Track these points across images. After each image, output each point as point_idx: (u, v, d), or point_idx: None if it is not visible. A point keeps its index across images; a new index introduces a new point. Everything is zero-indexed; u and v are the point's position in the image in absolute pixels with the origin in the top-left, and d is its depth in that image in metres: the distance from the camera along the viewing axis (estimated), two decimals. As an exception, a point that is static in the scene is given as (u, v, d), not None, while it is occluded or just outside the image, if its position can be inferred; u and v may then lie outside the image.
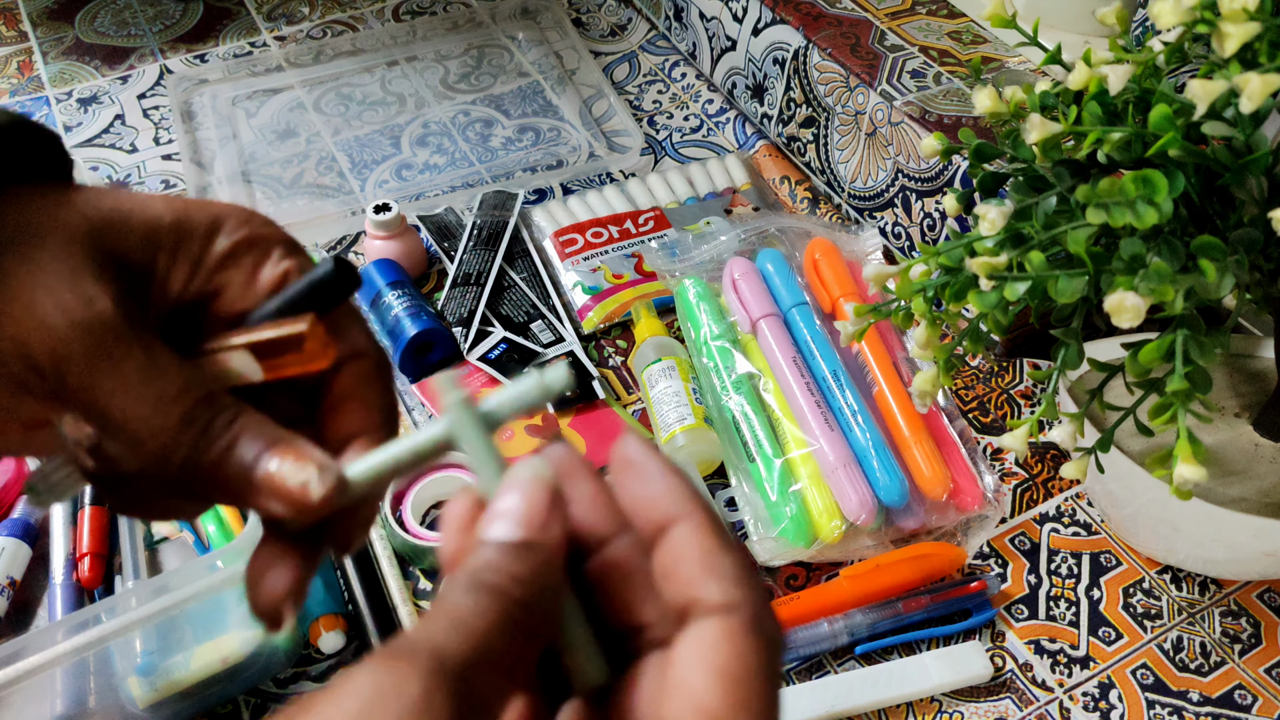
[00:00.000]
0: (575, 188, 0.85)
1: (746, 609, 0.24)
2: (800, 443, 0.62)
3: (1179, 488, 0.44)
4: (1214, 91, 0.41)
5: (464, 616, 0.22)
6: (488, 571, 0.23)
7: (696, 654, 0.23)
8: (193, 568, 0.48)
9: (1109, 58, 0.47)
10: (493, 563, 0.23)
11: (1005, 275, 0.45)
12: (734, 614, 0.24)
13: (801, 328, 0.68)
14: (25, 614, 0.57)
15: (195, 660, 0.52)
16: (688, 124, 0.92)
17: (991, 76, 0.75)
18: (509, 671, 0.22)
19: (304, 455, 0.27)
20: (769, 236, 0.75)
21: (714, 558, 0.24)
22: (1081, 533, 0.63)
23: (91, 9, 1.05)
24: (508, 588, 0.23)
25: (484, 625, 0.22)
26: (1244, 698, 0.56)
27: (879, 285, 0.53)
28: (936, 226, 0.73)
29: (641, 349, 0.69)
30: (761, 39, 0.85)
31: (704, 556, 0.24)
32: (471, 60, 0.99)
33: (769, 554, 0.60)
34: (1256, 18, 0.40)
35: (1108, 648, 0.58)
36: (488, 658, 0.21)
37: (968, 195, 0.55)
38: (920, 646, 0.58)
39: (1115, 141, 0.45)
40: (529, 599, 0.23)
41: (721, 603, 0.24)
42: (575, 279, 0.75)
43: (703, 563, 0.24)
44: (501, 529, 0.24)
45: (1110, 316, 0.42)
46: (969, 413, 0.69)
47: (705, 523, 0.25)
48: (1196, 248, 0.42)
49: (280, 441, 0.27)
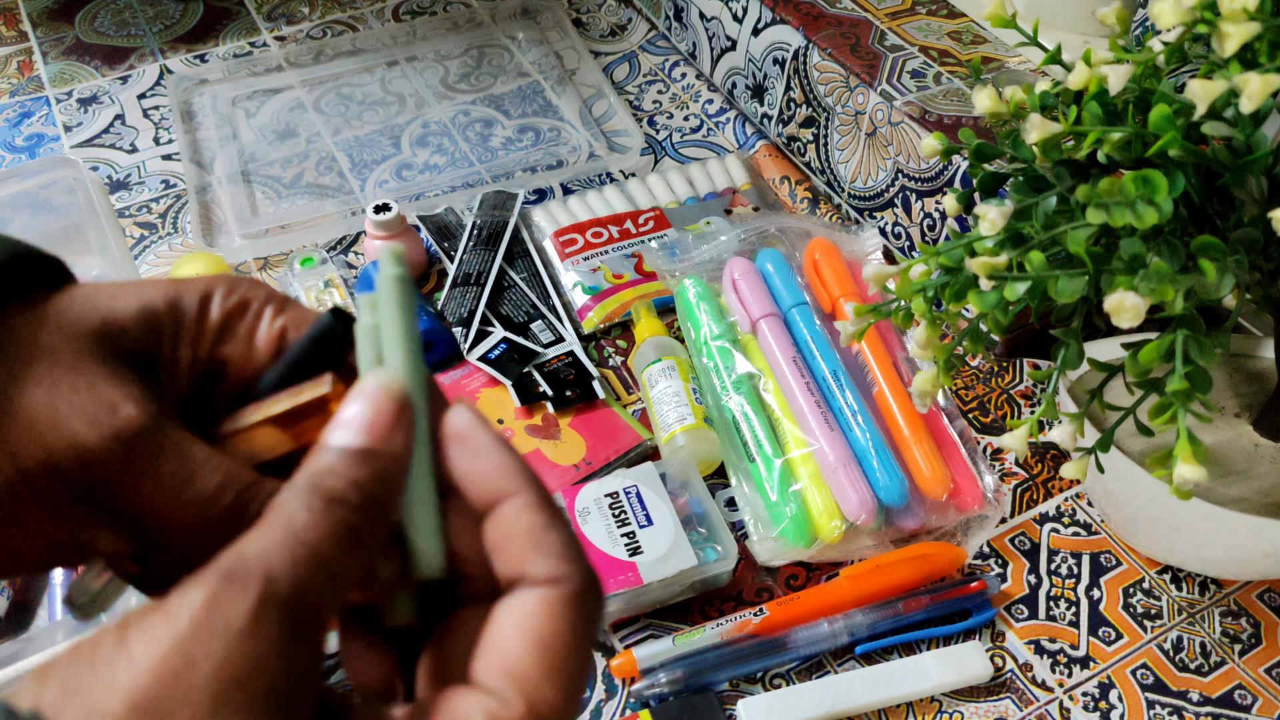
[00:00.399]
0: (575, 188, 0.85)
1: (570, 584, 0.24)
2: (800, 443, 0.62)
3: (1179, 488, 0.44)
4: (1214, 91, 0.41)
5: (298, 529, 0.22)
6: (327, 476, 0.23)
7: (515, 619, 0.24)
8: (193, 568, 0.48)
9: (1109, 58, 0.47)
10: (333, 467, 0.23)
11: (1005, 275, 0.45)
12: (559, 586, 0.24)
13: (801, 328, 0.68)
14: (25, 614, 0.57)
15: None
16: (688, 124, 0.92)
17: (991, 76, 0.75)
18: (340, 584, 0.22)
19: None
20: (769, 236, 0.75)
21: (542, 534, 0.25)
22: (1081, 533, 0.63)
23: (91, 9, 1.05)
24: (345, 493, 0.23)
25: (318, 537, 0.22)
26: (1244, 698, 0.56)
27: (879, 285, 0.53)
28: (936, 226, 0.73)
29: (641, 349, 0.69)
30: (761, 39, 0.85)
31: (532, 532, 0.25)
32: (471, 60, 0.99)
33: (769, 554, 0.60)
34: (1256, 18, 0.40)
35: (1108, 648, 0.58)
36: (320, 570, 0.22)
37: (968, 195, 0.55)
38: (920, 646, 0.58)
39: (1115, 141, 0.45)
40: (366, 505, 0.23)
41: (548, 575, 0.24)
42: (575, 279, 0.75)
43: (530, 538, 0.25)
44: (344, 435, 0.24)
45: (1110, 316, 0.42)
46: (969, 413, 0.69)
47: (534, 499, 0.25)
48: (1196, 248, 0.42)
49: None
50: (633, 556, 0.57)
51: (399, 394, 0.25)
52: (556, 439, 0.66)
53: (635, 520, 0.58)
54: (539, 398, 0.67)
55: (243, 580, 0.21)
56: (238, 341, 0.28)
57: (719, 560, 0.58)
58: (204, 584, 0.20)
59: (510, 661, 0.23)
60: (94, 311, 0.27)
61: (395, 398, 0.25)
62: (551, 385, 0.68)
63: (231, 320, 0.28)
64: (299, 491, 0.23)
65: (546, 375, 0.69)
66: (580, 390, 0.68)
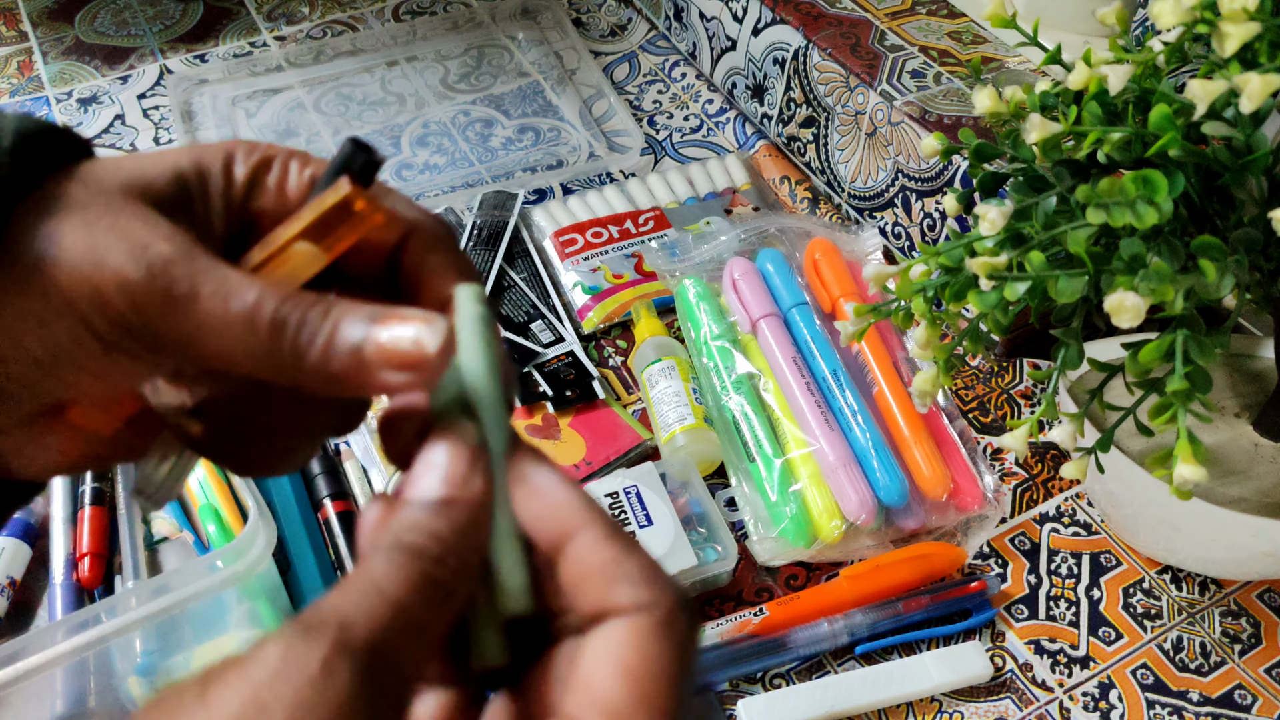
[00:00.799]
0: (575, 188, 0.85)
1: (658, 609, 0.24)
2: (800, 443, 0.62)
3: (1179, 488, 0.44)
4: (1214, 91, 0.41)
5: (378, 580, 0.22)
6: (408, 530, 0.23)
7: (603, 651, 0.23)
8: (193, 568, 0.48)
9: (1109, 58, 0.47)
10: (414, 521, 0.23)
11: (1005, 275, 0.45)
12: (644, 613, 0.24)
13: (801, 328, 0.68)
14: (25, 614, 0.57)
15: (195, 660, 0.52)
16: (688, 124, 0.92)
17: (991, 76, 0.75)
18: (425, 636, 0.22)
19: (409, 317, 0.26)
20: (769, 236, 0.75)
21: (619, 564, 0.24)
22: (1081, 533, 0.63)
23: (91, 9, 1.05)
24: (426, 546, 0.23)
25: (398, 589, 0.22)
26: (1244, 698, 0.56)
27: (879, 285, 0.53)
28: (936, 226, 0.73)
29: (641, 349, 0.69)
30: (761, 39, 0.85)
31: (608, 564, 0.24)
32: (471, 60, 0.99)
33: (769, 554, 0.60)
34: (1256, 18, 0.40)
35: (1108, 648, 0.58)
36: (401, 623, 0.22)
37: (968, 195, 0.55)
38: (920, 646, 0.58)
39: (1115, 141, 0.45)
40: (447, 556, 0.23)
41: (632, 604, 0.24)
42: (575, 279, 0.75)
43: (608, 570, 0.24)
44: (423, 487, 0.24)
45: (1110, 316, 0.42)
46: (969, 413, 0.69)
47: (605, 531, 0.25)
48: (1196, 248, 0.42)
49: (381, 314, 0.26)
50: (633, 556, 0.57)
51: (474, 442, 0.25)
52: (556, 439, 0.66)
53: (635, 520, 0.58)
54: (539, 398, 0.67)
55: (318, 629, 0.21)
56: (268, 195, 0.29)
57: (719, 560, 0.58)
58: (280, 636, 0.21)
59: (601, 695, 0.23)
60: (122, 174, 0.27)
61: (471, 446, 0.25)
62: (551, 385, 0.68)
63: (259, 175, 0.29)
64: (380, 548, 0.23)
65: (546, 375, 0.69)
66: (580, 390, 0.68)
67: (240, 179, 0.28)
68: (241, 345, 0.26)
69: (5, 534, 0.57)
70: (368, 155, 0.28)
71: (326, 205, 0.27)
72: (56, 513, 0.59)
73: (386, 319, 0.26)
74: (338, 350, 0.26)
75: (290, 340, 0.26)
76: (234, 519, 0.59)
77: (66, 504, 0.59)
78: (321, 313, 0.26)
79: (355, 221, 0.27)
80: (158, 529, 0.60)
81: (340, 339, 0.26)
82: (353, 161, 0.28)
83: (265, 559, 0.49)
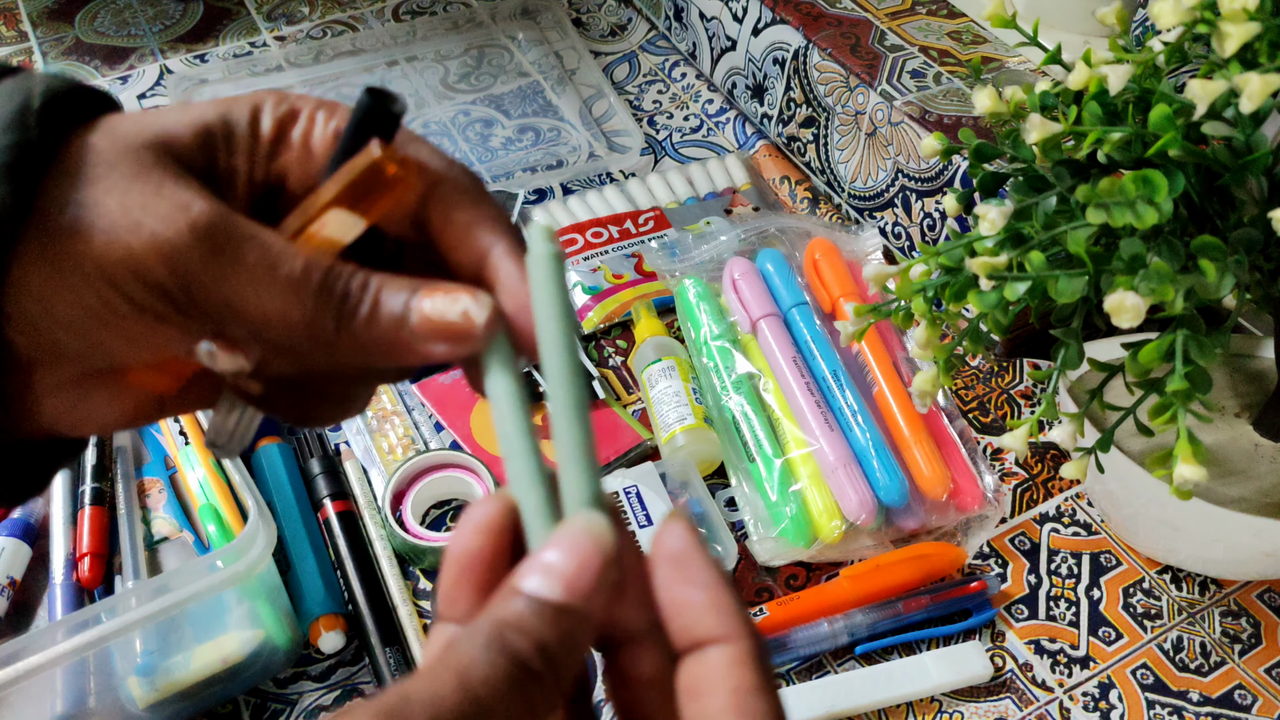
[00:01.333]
0: (575, 188, 0.85)
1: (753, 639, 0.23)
2: (800, 443, 0.62)
3: (1179, 488, 0.44)
4: (1214, 91, 0.41)
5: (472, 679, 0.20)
6: (513, 630, 0.21)
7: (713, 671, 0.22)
8: (193, 568, 0.48)
9: (1109, 58, 0.47)
10: (522, 621, 0.22)
11: (1005, 275, 0.45)
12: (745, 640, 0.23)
13: (801, 328, 0.68)
14: (25, 614, 0.57)
15: (195, 660, 0.52)
16: (688, 124, 0.92)
17: (991, 76, 0.75)
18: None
19: (452, 287, 0.26)
20: (769, 236, 0.75)
21: (750, 699, 0.22)
22: (1081, 533, 0.63)
23: (91, 9, 1.05)
24: (529, 655, 0.21)
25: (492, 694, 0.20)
26: (1244, 698, 0.56)
27: (879, 285, 0.53)
28: (936, 226, 0.73)
29: (641, 349, 0.69)
30: (761, 39, 0.85)
31: (739, 694, 0.22)
32: (471, 60, 0.99)
33: (769, 554, 0.60)
34: (1256, 18, 0.40)
35: (1108, 648, 0.58)
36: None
37: (968, 195, 0.55)
38: (920, 646, 0.58)
39: (1115, 141, 0.45)
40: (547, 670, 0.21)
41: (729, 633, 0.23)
42: (575, 279, 0.75)
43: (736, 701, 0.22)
44: (540, 584, 0.22)
45: (1110, 316, 0.42)
46: (969, 413, 0.69)
47: (749, 653, 0.23)
48: (1196, 248, 0.42)
49: (421, 285, 0.26)
50: (633, 556, 0.57)
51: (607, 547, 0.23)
52: (556, 439, 0.66)
53: (635, 520, 0.58)
54: (539, 398, 0.68)
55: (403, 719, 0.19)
56: (293, 151, 0.28)
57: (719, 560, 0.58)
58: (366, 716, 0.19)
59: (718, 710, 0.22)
60: (148, 129, 0.26)
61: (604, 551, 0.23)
62: (551, 385, 0.68)
63: (284, 129, 0.28)
64: (480, 638, 0.21)
65: (546, 375, 0.69)
66: (580, 390, 0.68)
67: (266, 134, 0.28)
68: (283, 314, 0.25)
69: (5, 534, 0.57)
70: (388, 106, 0.27)
71: (357, 171, 0.26)
72: (56, 513, 0.59)
73: (431, 290, 0.26)
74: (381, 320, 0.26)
75: (334, 308, 0.26)
76: (234, 519, 0.59)
77: (66, 504, 0.59)
78: (361, 282, 0.26)
79: (388, 184, 0.26)
80: (158, 529, 0.60)
81: (384, 308, 0.26)
82: (373, 115, 0.27)
83: (265, 559, 0.49)
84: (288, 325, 0.26)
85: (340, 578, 0.59)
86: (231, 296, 0.25)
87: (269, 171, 0.28)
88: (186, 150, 0.27)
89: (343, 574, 0.59)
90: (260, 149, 0.28)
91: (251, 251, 0.25)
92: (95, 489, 0.59)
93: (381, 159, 0.25)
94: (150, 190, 0.25)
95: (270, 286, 0.25)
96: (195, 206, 0.25)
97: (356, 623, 0.57)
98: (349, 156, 0.26)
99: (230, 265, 0.25)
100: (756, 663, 0.23)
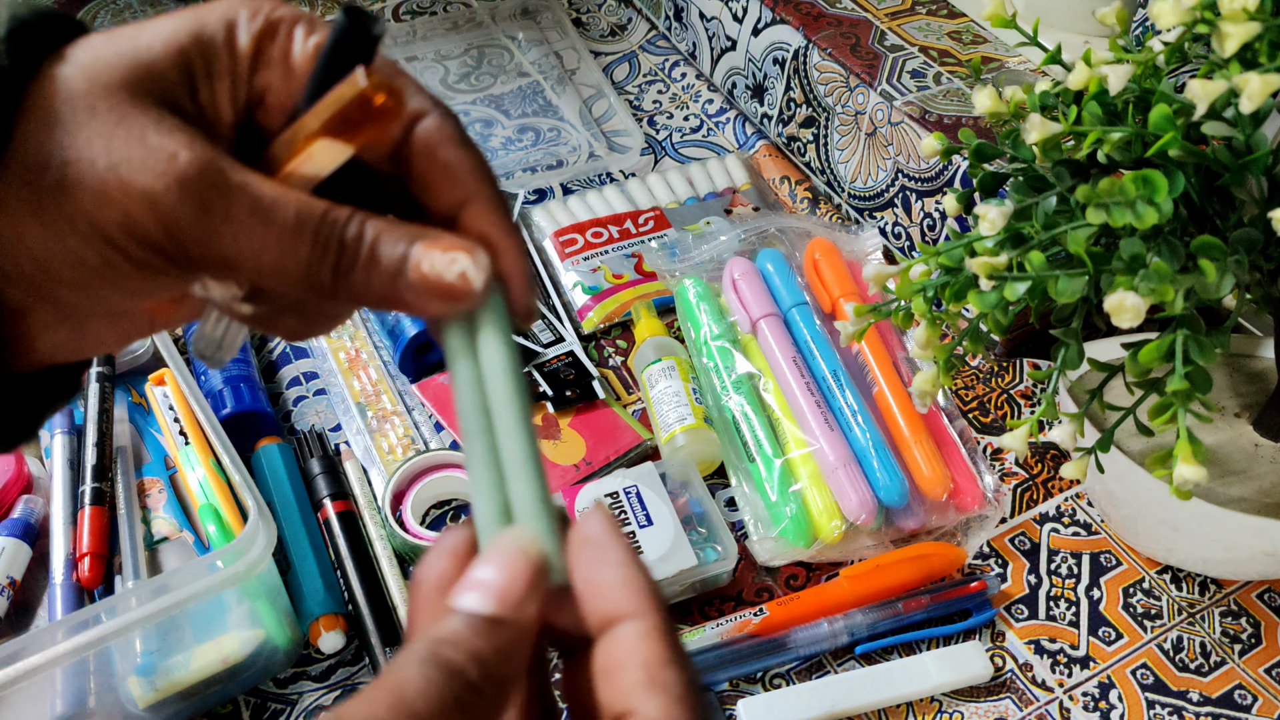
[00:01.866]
0: (575, 188, 0.85)
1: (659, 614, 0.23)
2: (800, 443, 0.62)
3: (1179, 488, 0.44)
4: (1214, 91, 0.41)
5: (408, 695, 0.21)
6: (447, 645, 0.22)
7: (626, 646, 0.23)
8: (193, 568, 0.48)
9: (1109, 58, 0.47)
10: (456, 635, 0.22)
11: (1005, 275, 0.45)
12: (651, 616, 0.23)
13: (801, 328, 0.68)
14: (25, 614, 0.57)
15: (195, 660, 0.52)
16: (688, 124, 0.92)
17: (991, 76, 0.75)
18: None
19: (451, 244, 0.25)
20: (769, 236, 0.75)
21: (661, 670, 0.23)
22: (1081, 533, 0.63)
23: (91, 9, 1.05)
24: (464, 666, 0.22)
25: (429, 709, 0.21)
26: (1244, 698, 0.56)
27: (879, 285, 0.53)
28: (936, 226, 0.73)
29: (641, 349, 0.69)
30: (761, 39, 0.85)
31: (650, 666, 0.23)
32: (471, 60, 0.99)
33: (769, 554, 0.60)
34: (1256, 18, 0.40)
35: (1108, 648, 0.58)
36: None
37: (968, 195, 0.55)
38: (920, 646, 0.58)
39: (1115, 141, 0.45)
40: (484, 682, 0.22)
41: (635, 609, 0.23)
42: (575, 279, 0.75)
43: (648, 673, 0.23)
44: (473, 600, 0.23)
45: (1110, 316, 0.42)
46: (969, 413, 0.69)
47: (658, 627, 0.23)
48: (1196, 248, 0.42)
49: (421, 235, 0.25)
50: (633, 556, 0.57)
51: (537, 558, 0.23)
52: (556, 439, 0.66)
53: (635, 520, 0.58)
54: (539, 398, 0.67)
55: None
56: (273, 67, 0.27)
57: (719, 560, 0.58)
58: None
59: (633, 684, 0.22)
60: (122, 60, 0.25)
61: (533, 562, 0.23)
62: (551, 385, 0.68)
63: (263, 45, 0.27)
64: (415, 657, 0.21)
65: (546, 375, 0.69)
66: (580, 390, 0.68)
67: (244, 50, 0.26)
68: (277, 266, 0.25)
69: (5, 534, 0.57)
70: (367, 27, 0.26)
71: (343, 101, 0.25)
72: (56, 513, 0.59)
73: (430, 243, 0.25)
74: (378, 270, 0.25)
75: (331, 259, 0.25)
76: (234, 519, 0.59)
77: (67, 504, 0.59)
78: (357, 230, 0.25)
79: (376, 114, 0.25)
80: (158, 529, 0.60)
81: (380, 258, 0.25)
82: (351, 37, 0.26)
83: (265, 559, 0.49)
84: (283, 276, 0.25)
85: (340, 578, 0.59)
86: (225, 249, 0.25)
87: (250, 91, 0.27)
88: (166, 83, 0.25)
89: (343, 574, 0.59)
90: (240, 69, 0.26)
91: (242, 203, 0.25)
92: (95, 489, 0.59)
93: (369, 88, 0.25)
94: (134, 139, 0.24)
95: (264, 238, 0.25)
96: (182, 156, 0.24)
97: (356, 623, 0.57)
98: (327, 80, 0.26)
99: (221, 219, 0.24)
100: (666, 636, 0.23)
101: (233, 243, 0.25)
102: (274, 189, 0.25)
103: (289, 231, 0.25)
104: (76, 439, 0.61)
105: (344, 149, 0.26)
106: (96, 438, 0.60)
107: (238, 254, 0.25)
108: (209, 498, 0.60)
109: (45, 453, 0.62)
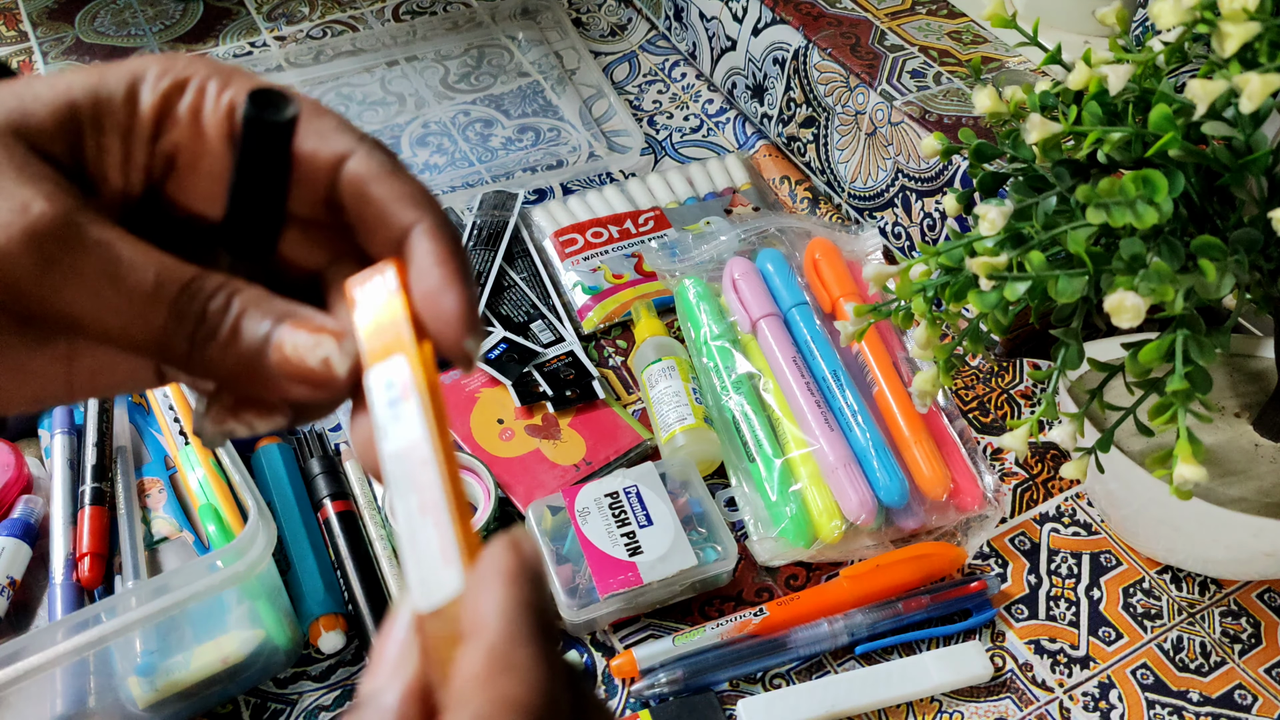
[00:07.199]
0: (575, 188, 0.85)
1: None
2: (800, 443, 0.62)
3: (1179, 488, 0.44)
4: (1214, 91, 0.41)
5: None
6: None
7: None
8: (193, 568, 0.48)
9: (1109, 58, 0.47)
10: None
11: (1005, 275, 0.45)
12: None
13: (801, 328, 0.68)
14: (25, 614, 0.57)
15: (195, 660, 0.52)
16: (688, 124, 0.92)
17: (991, 76, 0.75)
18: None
19: (318, 327, 0.24)
20: (769, 236, 0.75)
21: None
22: (1081, 533, 0.63)
23: (91, 9, 1.05)
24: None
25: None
26: (1244, 698, 0.56)
27: (879, 285, 0.53)
28: (936, 226, 0.73)
29: (641, 349, 0.69)
30: (761, 39, 0.85)
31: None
32: (471, 60, 0.99)
33: (769, 554, 0.60)
34: (1256, 18, 0.40)
35: (1108, 648, 0.58)
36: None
37: (968, 195, 0.55)
38: (920, 646, 0.58)
39: (1115, 141, 0.45)
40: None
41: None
42: (575, 279, 0.75)
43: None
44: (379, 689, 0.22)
45: (1110, 316, 0.42)
46: (969, 413, 0.69)
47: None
48: (1196, 248, 0.42)
49: (289, 315, 0.24)
50: (633, 556, 0.57)
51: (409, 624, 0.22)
52: (556, 439, 0.66)
53: (635, 520, 0.58)
54: (539, 398, 0.67)
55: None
56: (182, 128, 0.25)
57: (719, 560, 0.58)
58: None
59: None
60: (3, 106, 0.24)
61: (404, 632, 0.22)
62: (551, 385, 0.68)
63: (169, 103, 0.25)
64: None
65: (546, 375, 0.69)
66: (580, 390, 0.68)
67: (147, 109, 0.25)
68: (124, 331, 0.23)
69: (5, 534, 0.57)
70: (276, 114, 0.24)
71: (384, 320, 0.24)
72: (56, 513, 0.59)
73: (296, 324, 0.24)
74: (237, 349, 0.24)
75: (187, 331, 0.24)
76: (234, 519, 0.59)
77: (66, 504, 0.59)
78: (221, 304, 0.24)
79: None
80: (158, 529, 0.60)
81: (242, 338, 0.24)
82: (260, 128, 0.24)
83: (265, 559, 0.49)
84: (130, 342, 0.24)
85: (340, 578, 0.59)
86: (67, 308, 0.23)
87: (153, 153, 0.25)
88: (44, 134, 0.24)
89: (343, 574, 0.59)
90: (140, 127, 0.25)
91: (93, 262, 0.23)
92: (95, 489, 0.59)
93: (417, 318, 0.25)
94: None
95: (113, 301, 0.23)
96: (35, 206, 0.23)
97: (356, 623, 0.57)
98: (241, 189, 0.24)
99: (65, 276, 0.23)
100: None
101: (75, 302, 0.23)
102: (135, 250, 0.23)
103: (143, 296, 0.23)
104: (76, 439, 0.61)
105: None
106: (96, 438, 0.60)
107: (81, 314, 0.23)
108: (209, 498, 0.60)
109: (45, 453, 0.62)
